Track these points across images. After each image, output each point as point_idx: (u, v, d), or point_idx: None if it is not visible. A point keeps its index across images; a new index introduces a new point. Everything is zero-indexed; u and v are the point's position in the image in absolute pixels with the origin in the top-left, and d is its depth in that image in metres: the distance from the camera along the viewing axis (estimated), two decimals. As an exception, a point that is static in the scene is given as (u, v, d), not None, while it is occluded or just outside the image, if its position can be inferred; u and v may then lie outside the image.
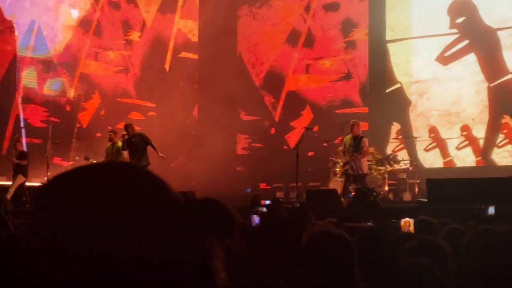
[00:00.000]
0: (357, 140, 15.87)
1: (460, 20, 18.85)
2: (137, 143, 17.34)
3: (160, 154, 17.07)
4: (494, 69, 18.67)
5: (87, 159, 18.61)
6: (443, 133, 19.83)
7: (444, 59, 19.53)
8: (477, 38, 18.78)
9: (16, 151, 19.47)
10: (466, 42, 18.86)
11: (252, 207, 11.73)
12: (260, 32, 24.05)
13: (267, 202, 12.85)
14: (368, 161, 17.00)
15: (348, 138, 16.16)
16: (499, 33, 18.56)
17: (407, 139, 19.71)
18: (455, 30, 19.26)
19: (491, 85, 18.84)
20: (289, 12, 23.54)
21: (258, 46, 24.13)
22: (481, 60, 18.79)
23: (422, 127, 20.08)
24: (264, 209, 10.86)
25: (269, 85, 23.75)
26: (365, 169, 16.21)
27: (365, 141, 16.03)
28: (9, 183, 19.59)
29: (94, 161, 12.91)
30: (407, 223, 7.08)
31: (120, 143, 18.06)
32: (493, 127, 18.85)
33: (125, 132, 17.50)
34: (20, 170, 19.14)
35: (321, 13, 22.94)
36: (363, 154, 15.95)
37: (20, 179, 19.01)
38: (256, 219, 7.15)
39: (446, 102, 19.67)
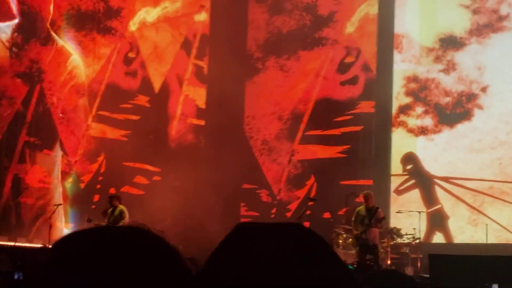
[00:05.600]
0: (372, 211, 16.10)
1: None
2: None
3: None
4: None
5: (89, 221, 18.53)
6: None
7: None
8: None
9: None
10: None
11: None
12: (264, 101, 23.85)
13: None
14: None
15: (362, 209, 16.38)
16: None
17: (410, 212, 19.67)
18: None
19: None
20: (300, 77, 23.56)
21: (258, 117, 23.88)
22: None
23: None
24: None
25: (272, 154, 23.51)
26: (378, 240, 16.43)
27: (381, 211, 16.39)
28: None
29: (96, 223, 12.68)
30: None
31: (122, 207, 18.07)
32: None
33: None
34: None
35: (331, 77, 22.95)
36: (382, 224, 16.40)
37: None
38: None
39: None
